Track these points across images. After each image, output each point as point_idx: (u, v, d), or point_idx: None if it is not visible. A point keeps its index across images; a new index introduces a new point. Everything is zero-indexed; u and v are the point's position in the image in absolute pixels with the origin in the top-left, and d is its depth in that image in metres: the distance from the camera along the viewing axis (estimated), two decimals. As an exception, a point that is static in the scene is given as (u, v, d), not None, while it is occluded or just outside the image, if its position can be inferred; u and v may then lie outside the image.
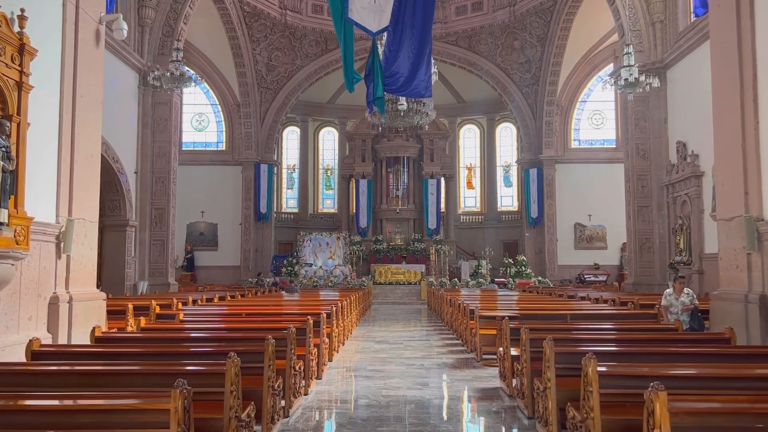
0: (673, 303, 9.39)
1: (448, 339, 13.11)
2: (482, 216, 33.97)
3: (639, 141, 19.92)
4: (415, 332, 14.47)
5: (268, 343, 5.54)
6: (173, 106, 20.20)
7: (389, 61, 11.63)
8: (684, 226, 18.48)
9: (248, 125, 29.91)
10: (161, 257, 20.15)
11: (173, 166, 20.36)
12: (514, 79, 30.25)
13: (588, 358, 4.47)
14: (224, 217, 30.13)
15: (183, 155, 30.34)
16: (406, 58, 11.57)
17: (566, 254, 29.92)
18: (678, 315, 9.07)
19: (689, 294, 9.47)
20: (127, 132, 19.35)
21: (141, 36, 19.70)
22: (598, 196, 29.55)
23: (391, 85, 12.37)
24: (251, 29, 28.53)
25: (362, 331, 14.69)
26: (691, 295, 9.43)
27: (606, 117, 30.80)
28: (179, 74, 14.66)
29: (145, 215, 19.97)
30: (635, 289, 19.44)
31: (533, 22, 28.57)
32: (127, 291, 18.95)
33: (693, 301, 9.35)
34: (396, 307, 23.53)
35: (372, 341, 12.63)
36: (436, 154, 31.93)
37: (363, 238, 31.02)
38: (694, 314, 9.02)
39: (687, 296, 9.40)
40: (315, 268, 28.00)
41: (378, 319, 18.70)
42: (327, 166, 35.13)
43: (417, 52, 11.59)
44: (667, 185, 19.40)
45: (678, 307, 9.27)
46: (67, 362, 5.25)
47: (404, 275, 27.02)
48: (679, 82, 18.76)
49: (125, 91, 19.19)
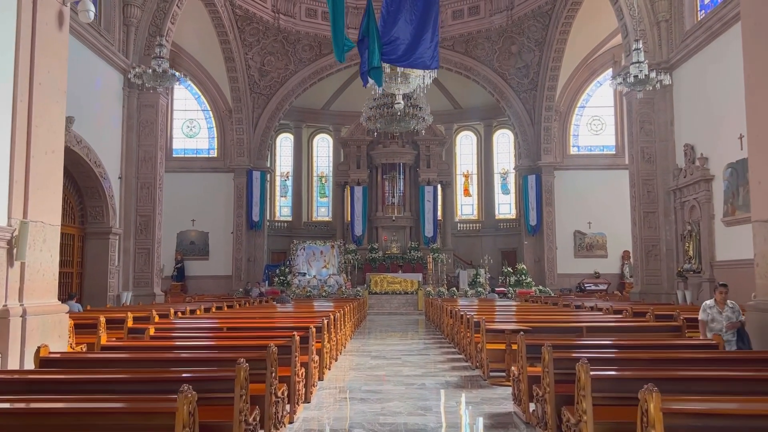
0: (715, 317, 7.97)
1: (450, 353, 12.03)
2: (480, 224, 32.94)
3: (644, 144, 18.95)
4: (414, 345, 13.38)
5: (240, 368, 4.46)
6: (160, 108, 19.13)
7: (387, 25, 10.04)
8: (693, 232, 17.49)
9: (240, 131, 28.87)
10: (146, 267, 19.01)
11: (159, 172, 19.27)
12: (511, 84, 29.34)
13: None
14: (216, 225, 29.03)
15: (173, 162, 29.38)
16: (407, 21, 10.05)
17: (566, 263, 28.92)
18: (722, 332, 7.61)
19: (734, 308, 8.05)
20: (110, 135, 18.27)
21: (126, 36, 18.67)
22: (597, 203, 28.63)
23: (389, 54, 10.64)
24: (243, 33, 27.56)
25: (357, 344, 13.59)
26: (736, 310, 8.02)
27: (605, 123, 29.90)
28: (162, 71, 13.61)
29: (130, 222, 18.86)
30: (642, 298, 18.41)
31: (531, 26, 27.70)
32: (110, 302, 17.82)
33: (739, 317, 7.90)
34: (392, 317, 22.42)
35: (367, 356, 11.54)
36: (433, 160, 30.92)
37: (358, 246, 29.93)
38: (740, 330, 7.69)
39: (731, 310, 7.98)
40: (308, 277, 26.88)
41: (374, 330, 17.60)
42: (321, 173, 34.08)
43: (421, 14, 10.06)
44: (674, 190, 18.43)
45: (722, 323, 7.81)
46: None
47: (400, 284, 25.92)
48: (685, 82, 17.84)
49: (109, 93, 18.14)
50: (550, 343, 5.75)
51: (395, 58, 10.32)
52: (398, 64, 11.56)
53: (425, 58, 10.29)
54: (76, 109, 16.10)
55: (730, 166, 15.82)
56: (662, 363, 5.24)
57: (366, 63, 9.98)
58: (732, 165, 15.72)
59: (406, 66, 11.54)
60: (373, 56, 9.53)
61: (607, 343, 6.48)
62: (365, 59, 9.95)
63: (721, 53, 16.17)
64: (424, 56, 10.20)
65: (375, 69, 9.80)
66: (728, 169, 15.88)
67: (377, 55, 9.55)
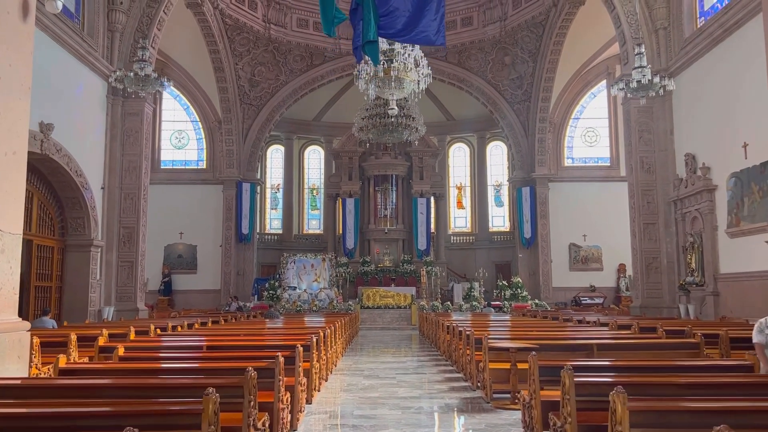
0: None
1: (447, 371, 11.24)
2: (473, 237, 32.23)
3: (643, 154, 18.36)
4: (408, 363, 12.57)
5: (208, 401, 3.67)
6: (145, 116, 18.36)
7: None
8: (695, 244, 16.84)
9: (230, 143, 28.11)
10: (130, 280, 18.11)
11: (144, 182, 18.45)
12: (505, 95, 28.81)
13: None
14: (204, 238, 28.16)
15: (161, 174, 28.59)
16: (408, -11, 9.00)
17: (561, 276, 28.24)
18: None
19: None
20: (93, 144, 17.47)
21: (111, 42, 17.93)
22: (592, 215, 28.05)
23: (387, 28, 9.30)
24: (233, 43, 26.90)
25: (349, 362, 12.77)
26: None
27: (599, 135, 29.40)
28: (144, 75, 12.85)
29: (113, 234, 17.99)
30: (642, 312, 17.70)
31: (525, 37, 27.22)
32: (91, 318, 16.90)
33: None
34: (385, 332, 21.58)
35: (360, 375, 10.72)
36: (426, 172, 30.24)
37: (350, 259, 29.11)
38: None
39: None
40: (299, 291, 26.01)
41: (366, 347, 16.77)
42: (313, 185, 33.32)
43: (425, -20, 8.93)
44: (674, 201, 17.81)
45: None
46: None
47: (393, 298, 25.10)
48: (685, 90, 17.28)
49: (91, 100, 17.36)
50: (570, 364, 4.99)
51: (394, 32, 9.10)
52: (398, 38, 10.22)
53: (429, 32, 9.00)
54: (57, 116, 15.35)
55: (734, 175, 15.22)
56: (705, 389, 4.49)
57: (360, 36, 8.82)
58: (736, 174, 15.12)
59: (407, 41, 10.20)
60: (368, 28, 8.40)
61: (632, 364, 5.73)
62: (359, 32, 8.77)
63: (723, 60, 15.63)
64: (427, 30, 8.94)
65: (370, 43, 8.71)
66: (732, 178, 15.28)
67: (373, 27, 8.40)
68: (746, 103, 14.68)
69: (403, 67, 12.52)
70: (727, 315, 15.24)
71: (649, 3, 17.88)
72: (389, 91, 12.90)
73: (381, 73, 12.56)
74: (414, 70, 12.82)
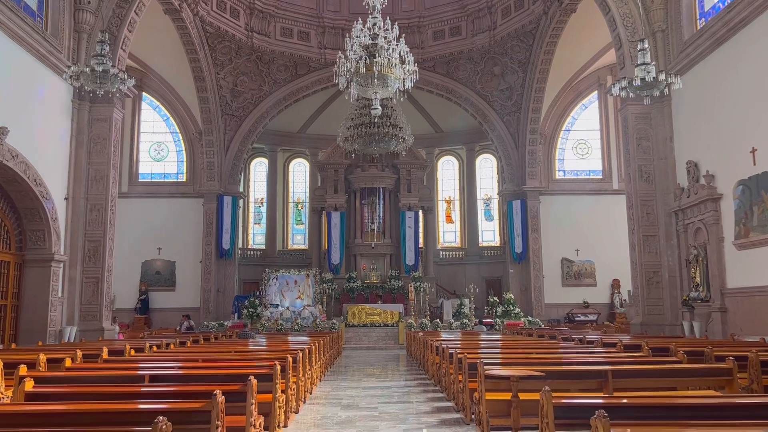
0: None
1: (436, 398, 9.83)
2: (463, 252, 30.89)
3: (642, 162, 17.18)
4: (394, 389, 11.15)
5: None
6: (114, 123, 16.98)
7: None
8: (699, 257, 15.61)
9: (211, 154, 26.74)
10: (95, 298, 16.57)
11: (112, 192, 16.98)
12: (494, 106, 27.71)
13: None
14: (183, 254, 26.67)
15: (139, 187, 27.20)
16: None
17: (553, 292, 26.96)
18: None
19: None
20: (55, 151, 16.04)
21: (77, 43, 16.62)
22: (585, 229, 26.89)
23: None
24: (214, 51, 25.64)
25: (327, 387, 11.32)
26: None
27: (591, 147, 28.32)
28: (102, 72, 11.50)
29: (77, 249, 16.50)
30: (644, 330, 16.40)
31: (514, 47, 26.18)
32: (51, 339, 15.36)
33: None
34: (371, 352, 20.11)
35: (337, 405, 9.29)
36: (414, 184, 28.93)
37: (335, 275, 27.65)
38: None
39: None
40: (281, 309, 24.48)
41: (349, 369, 15.33)
42: (298, 199, 31.91)
43: None
44: (676, 211, 16.61)
45: None
46: None
47: (380, 316, 23.65)
48: (686, 95, 16.15)
49: (54, 104, 15.98)
50: (597, 402, 3.64)
51: None
52: None
53: None
54: (13, 119, 13.98)
55: (741, 183, 14.05)
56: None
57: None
58: (743, 182, 13.94)
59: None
60: None
61: (682, 403, 4.38)
62: None
63: (727, 60, 14.53)
64: None
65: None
66: (739, 186, 14.10)
67: None
68: (754, 106, 13.54)
69: (387, 63, 11.28)
70: (736, 333, 13.97)
71: (646, 4, 16.84)
72: (372, 90, 11.63)
73: (363, 69, 11.29)
74: (399, 66, 11.59)
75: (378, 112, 12.55)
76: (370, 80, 11.51)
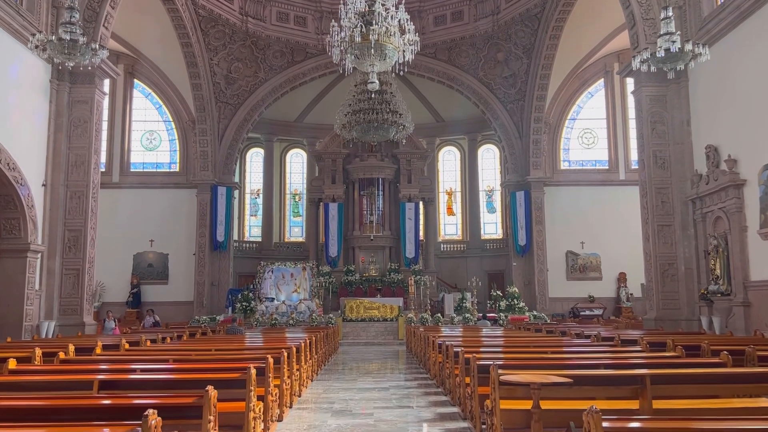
0: None
1: (438, 403, 8.66)
2: (464, 244, 29.67)
3: (656, 148, 15.97)
4: (392, 390, 9.97)
5: None
6: (96, 104, 15.77)
7: None
8: (719, 247, 14.40)
9: (204, 143, 25.53)
10: (75, 291, 15.40)
11: (94, 178, 15.78)
12: (497, 94, 26.46)
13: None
14: (176, 246, 25.52)
15: (131, 177, 26.06)
16: None
17: (558, 285, 25.79)
18: None
19: None
20: (32, 134, 14.84)
21: (56, 19, 15.36)
22: (591, 221, 25.72)
23: None
24: (207, 36, 24.40)
25: (318, 389, 10.15)
26: None
27: (597, 136, 27.11)
28: (70, 41, 10.29)
29: (56, 238, 15.31)
30: (658, 325, 15.20)
31: (519, 32, 24.91)
32: (27, 334, 14.20)
33: None
34: (369, 348, 18.94)
35: (328, 411, 8.12)
36: (414, 175, 27.68)
37: (333, 268, 26.44)
38: None
39: None
40: (277, 303, 23.30)
41: (345, 367, 14.17)
42: (295, 190, 30.67)
43: None
44: (693, 199, 15.40)
45: None
46: None
47: (379, 310, 22.46)
48: (704, 75, 14.93)
49: (30, 84, 14.77)
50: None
51: None
52: None
53: None
54: (-19, 98, 12.77)
55: (767, 168, 12.84)
56: None
57: None
58: (770, 166, 12.74)
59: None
60: None
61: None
62: None
63: (753, 36, 13.29)
64: None
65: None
66: (765, 171, 12.89)
67: None
68: (783, 83, 12.33)
69: (385, 32, 10.08)
70: (761, 329, 12.78)
71: (662, -21, 15.58)
72: (368, 62, 10.43)
73: (358, 38, 10.08)
74: (398, 36, 10.39)
75: (375, 87, 11.38)
76: (366, 51, 10.29)
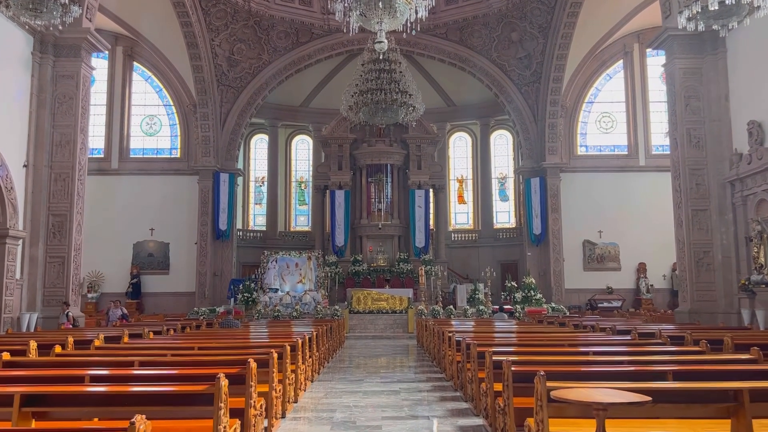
0: None
1: (459, 412, 7.23)
2: (476, 234, 28.15)
3: (691, 125, 14.39)
4: (403, 395, 8.54)
5: None
6: (81, 79, 14.38)
7: None
8: (764, 233, 12.83)
9: (206, 128, 24.15)
10: (60, 280, 14.08)
11: (80, 159, 14.43)
12: (512, 76, 24.88)
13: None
14: (177, 235, 24.22)
15: (130, 163, 24.74)
16: None
17: (574, 276, 24.30)
18: None
19: None
20: (11, 111, 13.49)
21: (37, -14, 13.95)
22: (609, 209, 24.19)
23: None
24: (208, 16, 22.97)
25: (319, 392, 8.75)
26: None
27: (616, 120, 25.48)
28: (37, -6, 8.88)
29: (39, 224, 13.98)
30: (692, 318, 13.69)
31: (534, 10, 23.30)
32: (7, 326, 12.88)
33: None
34: (377, 342, 17.53)
35: (327, 422, 6.69)
36: (424, 161, 26.17)
37: (339, 258, 25.02)
38: None
39: None
40: (281, 294, 21.94)
41: (351, 363, 12.77)
42: (301, 178, 29.23)
43: None
44: (732, 181, 13.83)
45: None
46: None
47: (387, 302, 21.06)
48: (744, 45, 13.34)
49: (10, 57, 13.40)
50: None
51: None
52: None
53: None
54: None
55: (822, 143, 11.27)
56: None
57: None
58: (827, 141, 11.16)
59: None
60: None
61: None
62: None
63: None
64: None
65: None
66: (820, 147, 11.32)
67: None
68: None
69: (395, -17, 8.62)
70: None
71: (698, -60, 13.94)
72: (376, 19, 8.98)
73: (363, -8, 8.61)
74: (410, -13, 8.92)
75: (383, 47, 9.88)
76: (373, 6, 8.82)
